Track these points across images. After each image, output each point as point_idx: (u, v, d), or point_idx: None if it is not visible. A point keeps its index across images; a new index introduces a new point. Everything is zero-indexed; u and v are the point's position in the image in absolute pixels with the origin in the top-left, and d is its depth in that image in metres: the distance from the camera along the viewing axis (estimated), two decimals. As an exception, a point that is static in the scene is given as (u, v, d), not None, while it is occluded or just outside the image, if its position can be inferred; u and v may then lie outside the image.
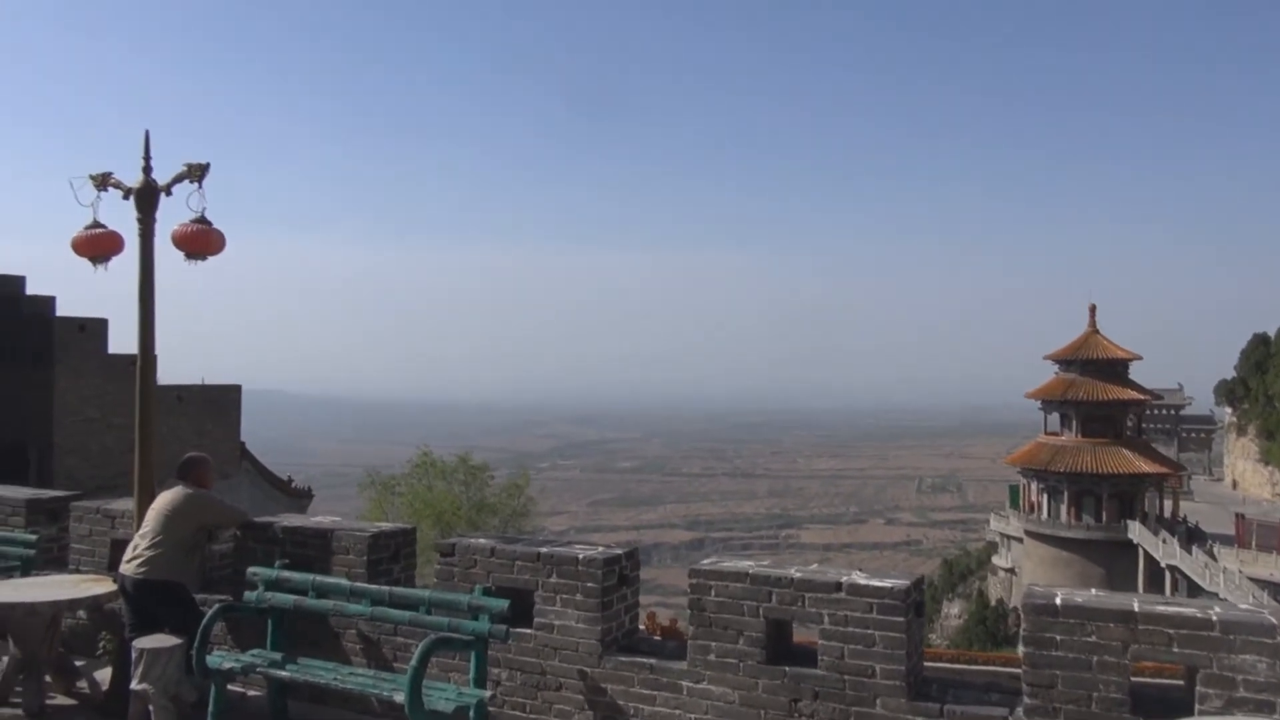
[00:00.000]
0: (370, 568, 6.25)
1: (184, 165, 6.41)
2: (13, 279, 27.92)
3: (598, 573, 5.48)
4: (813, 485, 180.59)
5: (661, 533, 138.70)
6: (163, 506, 6.32)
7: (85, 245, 6.51)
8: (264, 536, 6.67)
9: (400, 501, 32.78)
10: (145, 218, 6.50)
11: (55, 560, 7.59)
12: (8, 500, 7.85)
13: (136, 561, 6.18)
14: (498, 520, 31.78)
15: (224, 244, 6.45)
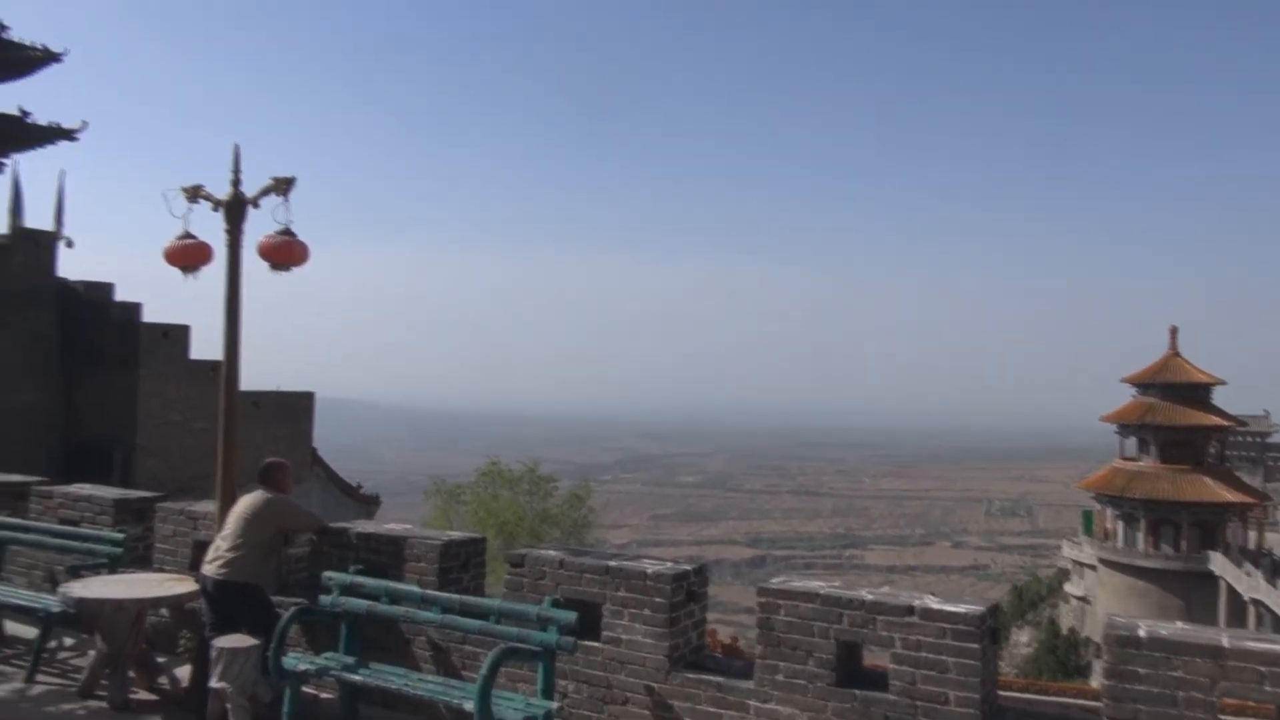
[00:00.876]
0: (441, 576, 6.34)
1: (271, 179, 6.61)
2: (102, 286, 29.06)
3: (666, 588, 5.48)
4: (877, 505, 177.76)
5: (723, 549, 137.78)
6: (243, 510, 6.50)
7: (177, 255, 6.75)
8: (339, 542, 6.81)
9: (465, 510, 33.16)
10: (233, 229, 6.73)
11: (140, 559, 7.86)
12: (97, 500, 8.16)
13: (217, 563, 6.37)
14: (559, 531, 31.93)
15: (307, 256, 6.63)
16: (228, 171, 6.73)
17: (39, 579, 8.34)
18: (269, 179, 6.59)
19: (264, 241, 6.50)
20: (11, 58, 28.33)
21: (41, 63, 28.86)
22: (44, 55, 28.74)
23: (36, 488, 8.79)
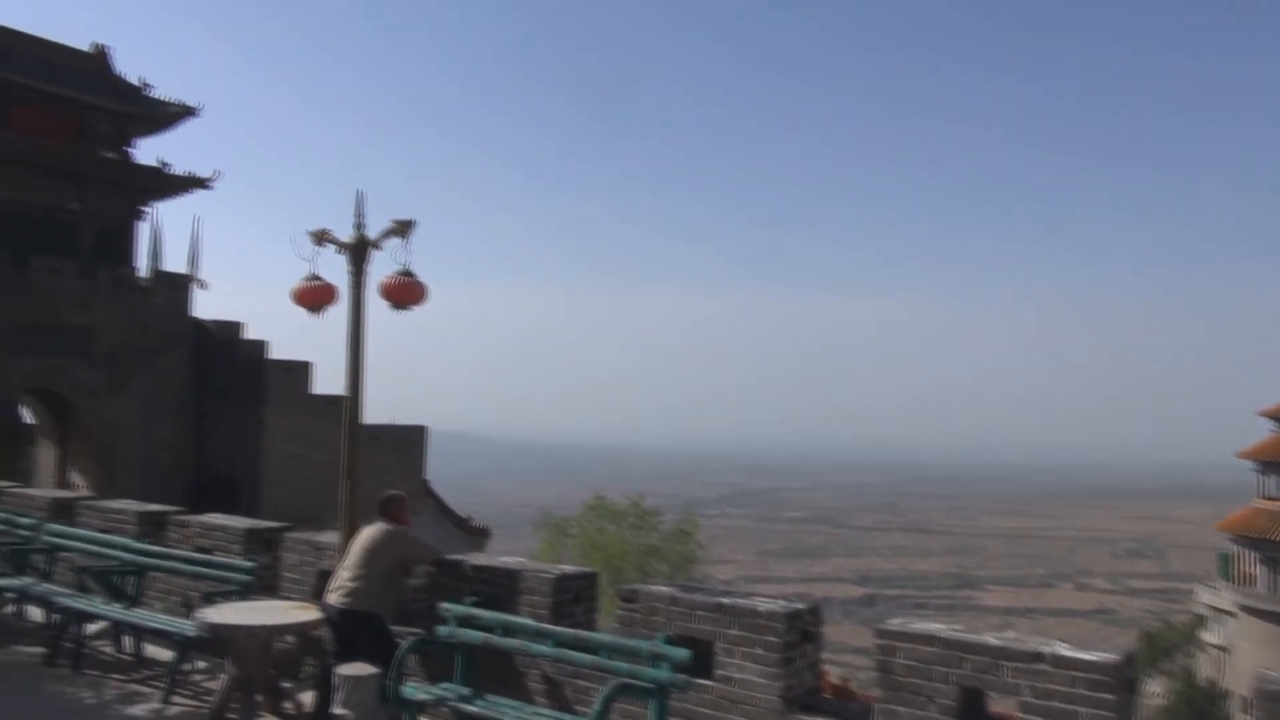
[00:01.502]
0: (554, 609, 6.39)
1: (392, 222, 6.89)
2: (233, 325, 30.67)
3: (780, 627, 5.40)
4: (994, 544, 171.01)
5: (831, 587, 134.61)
6: (364, 541, 6.72)
7: (305, 296, 7.08)
8: (455, 574, 6.95)
9: (572, 543, 33.43)
10: (357, 270, 7.02)
11: (268, 587, 8.18)
12: (229, 529, 8.55)
13: (340, 592, 6.58)
14: (666, 566, 31.85)
15: (426, 295, 6.86)
16: (351, 216, 7.04)
17: (176, 604, 8.76)
18: (390, 222, 6.87)
19: (386, 282, 6.76)
20: (154, 115, 30.41)
21: (180, 118, 30.88)
22: (182, 110, 30.75)
23: (174, 517, 9.28)
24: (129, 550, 8.58)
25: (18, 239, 26.69)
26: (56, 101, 28.20)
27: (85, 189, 28.66)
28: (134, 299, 28.69)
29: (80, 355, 27.48)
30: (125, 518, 9.51)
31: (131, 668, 8.03)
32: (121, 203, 29.58)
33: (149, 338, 28.93)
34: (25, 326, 26.24)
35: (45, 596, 8.62)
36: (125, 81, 30.21)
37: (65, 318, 27.13)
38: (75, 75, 28.90)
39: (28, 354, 26.38)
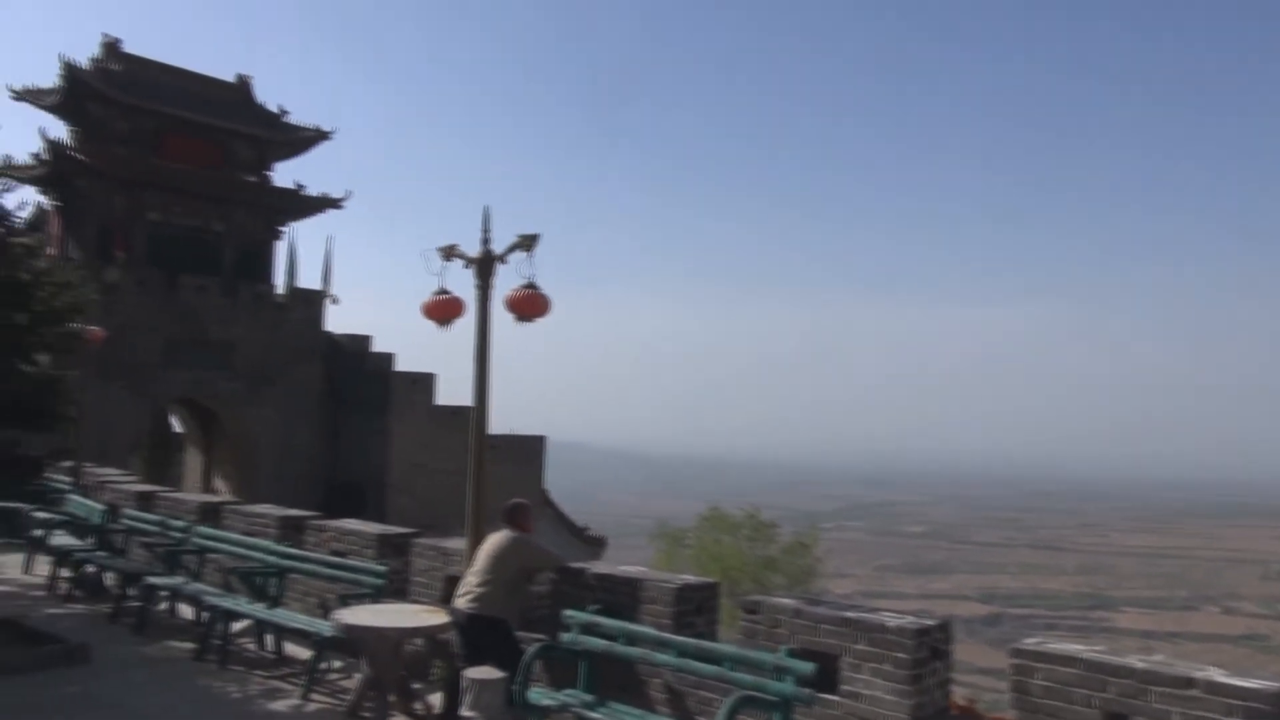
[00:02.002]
0: (676, 619, 6.40)
1: (517, 236, 7.06)
2: (362, 338, 31.98)
3: (909, 643, 5.27)
4: (1127, 563, 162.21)
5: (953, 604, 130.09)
6: (490, 548, 6.88)
7: (434, 309, 7.32)
8: (578, 581, 7.05)
9: (688, 554, 33.44)
10: (483, 284, 7.22)
11: (398, 591, 8.46)
12: (363, 535, 8.90)
13: (468, 597, 6.76)
14: (783, 578, 31.50)
15: (550, 307, 7.00)
16: (469, 231, 7.27)
17: (313, 605, 9.16)
18: (515, 237, 7.04)
19: (511, 295, 6.92)
20: (291, 139, 32.08)
21: (314, 141, 32.48)
22: (316, 135, 32.33)
23: (311, 522, 9.72)
24: (271, 553, 9.03)
25: (168, 259, 28.55)
26: (204, 130, 30.08)
27: (228, 211, 30.44)
28: (271, 314, 30.26)
29: (223, 368, 29.14)
30: (267, 522, 10.02)
31: (273, 665, 8.42)
32: (261, 223, 31.29)
33: (285, 351, 30.45)
34: (175, 342, 27.99)
35: (196, 595, 9.15)
36: (265, 109, 31.97)
37: (210, 333, 28.81)
38: (221, 105, 30.76)
39: (177, 367, 28.13)
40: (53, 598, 10.80)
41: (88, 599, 10.75)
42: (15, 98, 28.65)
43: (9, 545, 13.75)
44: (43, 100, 28.62)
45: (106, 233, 27.67)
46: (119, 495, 12.92)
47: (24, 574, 11.98)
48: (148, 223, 28.89)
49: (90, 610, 10.30)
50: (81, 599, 10.75)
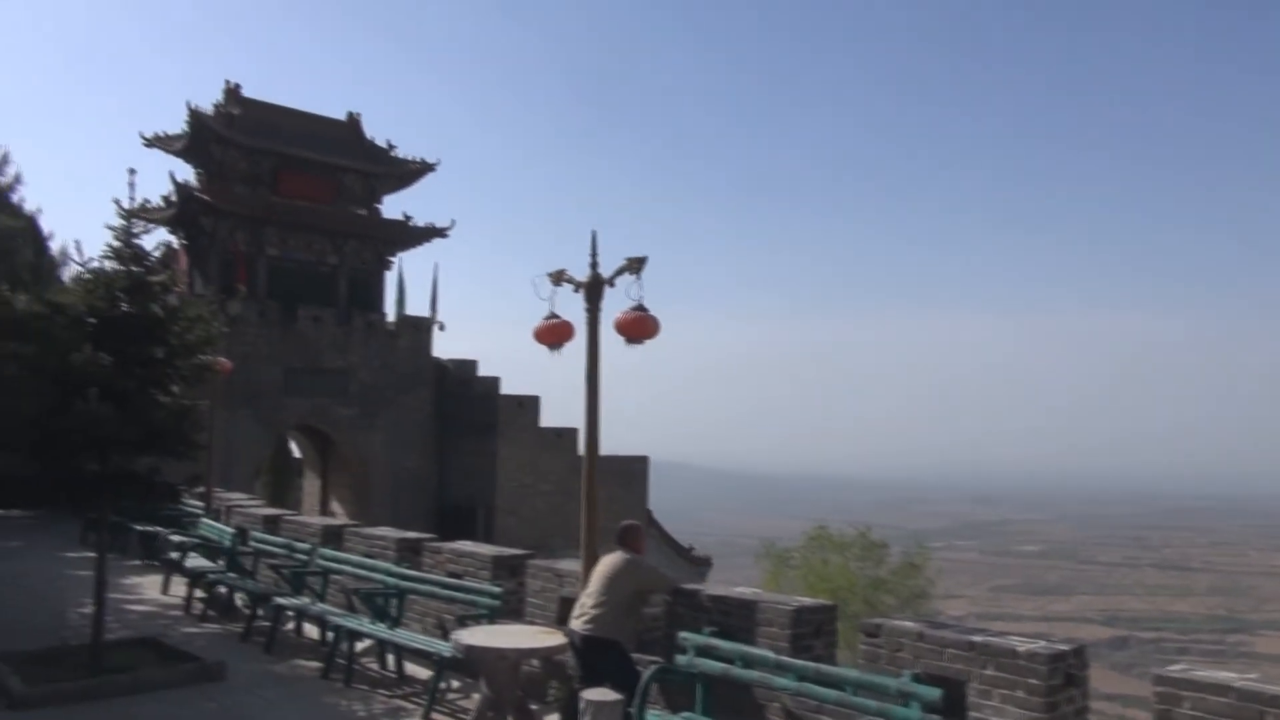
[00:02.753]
0: (793, 642, 6.31)
1: (625, 260, 7.13)
2: (468, 363, 32.74)
3: (1042, 669, 5.06)
4: (1268, 584, 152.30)
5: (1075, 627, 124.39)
6: (604, 569, 6.93)
7: (545, 334, 7.45)
8: (691, 603, 7.02)
9: (794, 574, 32.95)
10: (592, 307, 7.32)
11: (513, 612, 8.59)
12: (478, 556, 9.08)
13: (583, 619, 6.81)
14: (893, 600, 30.73)
15: (659, 329, 7.04)
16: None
17: (431, 625, 9.37)
18: (623, 260, 7.11)
19: (621, 317, 6.99)
20: (399, 172, 33.22)
21: (420, 173, 33.55)
22: (422, 167, 33.40)
23: (428, 543, 9.97)
24: (390, 574, 9.28)
25: (287, 292, 29.87)
26: (317, 167, 31.44)
27: (341, 244, 31.68)
28: (382, 342, 31.29)
29: (338, 394, 30.23)
30: (386, 544, 10.32)
31: (395, 684, 8.64)
32: (371, 254, 32.45)
33: (395, 377, 31.42)
34: (294, 370, 29.20)
35: (320, 615, 9.47)
36: (374, 144, 33.22)
37: (326, 361, 29.96)
38: (332, 142, 32.10)
39: (296, 395, 29.32)
40: (189, 617, 11.33)
41: (220, 618, 11.25)
42: (147, 144, 30.52)
43: (148, 567, 14.53)
44: (171, 146, 30.39)
45: (229, 268, 29.12)
46: (247, 519, 13.51)
47: (162, 594, 12.61)
48: (267, 257, 30.29)
49: (223, 629, 10.76)
50: (215, 618, 11.24)
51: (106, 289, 8.47)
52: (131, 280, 8.56)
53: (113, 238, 8.70)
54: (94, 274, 8.62)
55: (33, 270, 12.22)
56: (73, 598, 11.96)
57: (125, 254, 8.61)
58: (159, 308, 8.70)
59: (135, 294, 8.54)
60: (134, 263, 8.65)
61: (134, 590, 12.95)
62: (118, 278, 8.55)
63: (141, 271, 8.67)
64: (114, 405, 7.86)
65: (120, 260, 8.61)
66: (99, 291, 8.47)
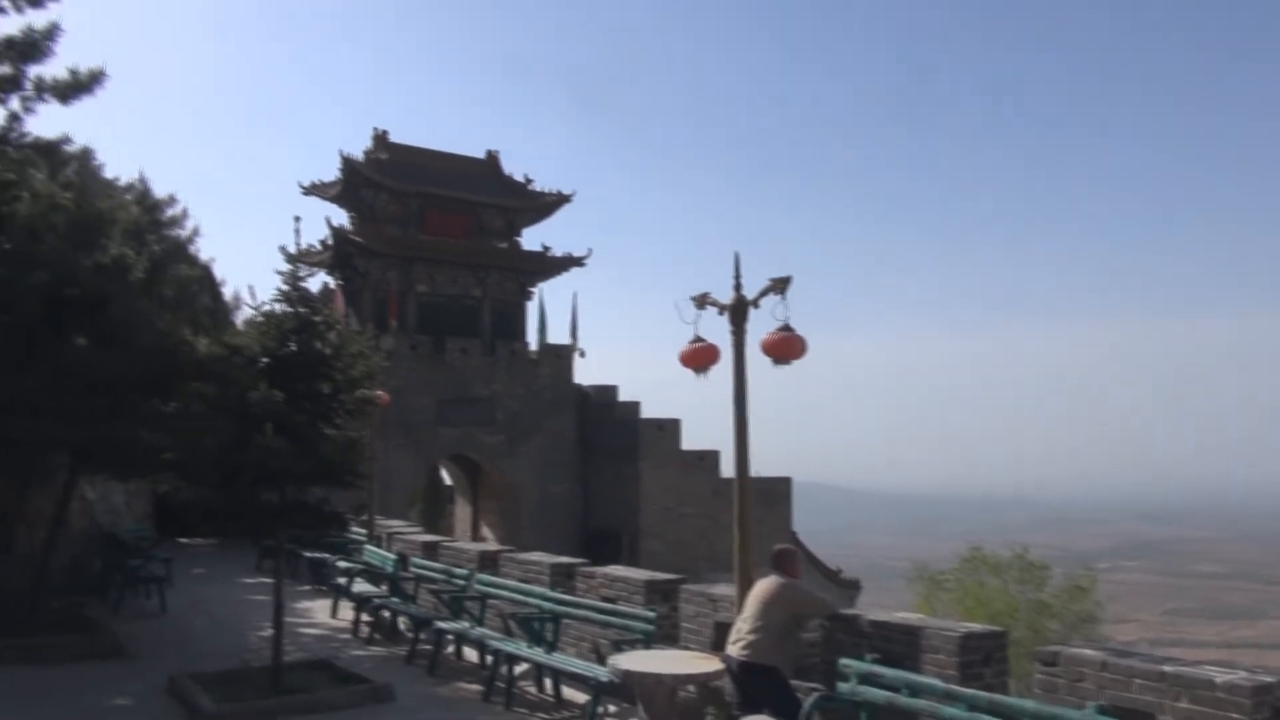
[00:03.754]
0: (962, 670, 6.06)
1: (769, 280, 7.07)
2: (609, 389, 33.19)
3: (1245, 703, 4.66)
4: None
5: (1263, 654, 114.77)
6: (760, 593, 6.83)
7: (691, 358, 7.45)
8: (851, 629, 6.84)
9: (949, 597, 31.75)
10: (737, 330, 7.28)
11: (667, 636, 8.58)
12: (630, 581, 9.13)
13: (740, 644, 6.72)
14: (1058, 625, 29.15)
15: (805, 349, 6.94)
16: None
17: (586, 649, 9.48)
18: (767, 280, 7.06)
19: (767, 338, 6.93)
20: (536, 205, 34.18)
21: (557, 205, 34.43)
22: (559, 199, 34.26)
23: (580, 568, 10.10)
24: (546, 599, 9.45)
25: (435, 325, 31.12)
26: (460, 204, 32.72)
27: (484, 277, 32.80)
28: (526, 370, 32.13)
29: (485, 423, 31.18)
30: (540, 569, 10.52)
31: (553, 708, 8.76)
32: (512, 285, 33.45)
33: (539, 404, 32.17)
34: (444, 401, 30.33)
35: (480, 639, 9.72)
36: (512, 180, 34.34)
37: (473, 391, 30.98)
38: (473, 180, 33.37)
39: (446, 424, 30.42)
40: (356, 640, 11.85)
41: (386, 641, 11.71)
42: (305, 193, 32.55)
43: (317, 591, 15.30)
44: (326, 192, 32.26)
45: (382, 305, 30.56)
46: (407, 545, 14.05)
47: (331, 618, 13.24)
48: (416, 293, 31.67)
49: (388, 652, 11.20)
50: (380, 642, 11.72)
51: (277, 330, 9.02)
52: (299, 320, 9.08)
53: (281, 281, 9.28)
54: (265, 316, 9.20)
55: (211, 315, 13.11)
56: (252, 621, 12.70)
57: (293, 296, 9.16)
58: (324, 345, 9.19)
59: (302, 333, 9.06)
60: (300, 304, 9.19)
61: (306, 614, 13.64)
62: (286, 319, 9.09)
63: (307, 312, 9.19)
64: (287, 439, 8.34)
65: (288, 302, 9.15)
66: (270, 332, 9.03)
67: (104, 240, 10.89)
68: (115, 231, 11.10)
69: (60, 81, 13.51)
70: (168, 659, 10.22)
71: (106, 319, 10.71)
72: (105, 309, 10.73)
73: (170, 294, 11.94)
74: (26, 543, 12.39)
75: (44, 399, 9.86)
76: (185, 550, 20.09)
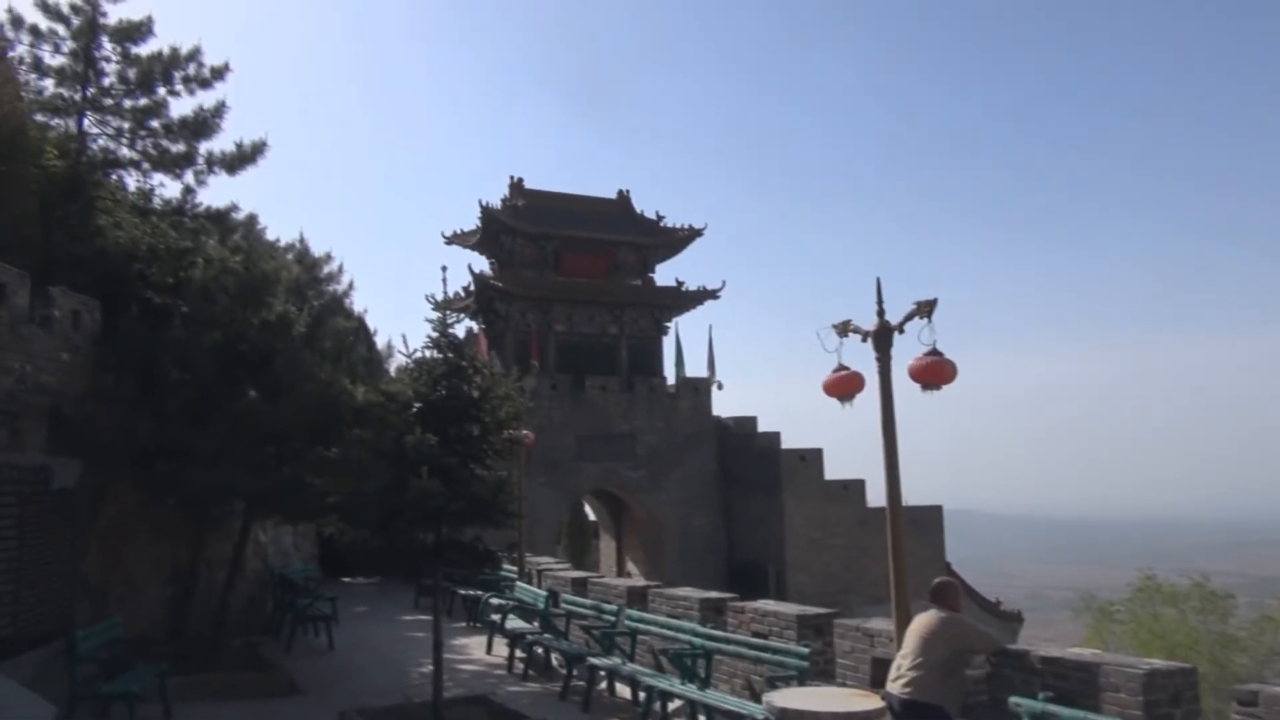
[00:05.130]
0: (1147, 710, 5.65)
1: (914, 304, 6.89)
2: (748, 420, 32.96)
3: None
4: None
5: None
6: (920, 628, 6.57)
7: (835, 386, 7.32)
8: (1020, 665, 6.51)
9: (1122, 630, 29.80)
10: (882, 356, 7.11)
11: (822, 673, 8.37)
12: (781, 615, 8.97)
13: (901, 681, 6.47)
14: (1248, 659, 26.86)
15: (956, 373, 6.70)
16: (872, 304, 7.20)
17: (738, 686, 9.35)
18: (911, 304, 6.88)
19: (915, 363, 6.74)
20: (669, 241, 34.53)
21: (689, 240, 34.69)
22: (690, 234, 34.52)
23: (730, 603, 10.00)
24: (697, 634, 9.39)
25: (574, 364, 31.74)
26: (594, 245, 33.41)
27: (620, 314, 33.29)
28: (664, 405, 32.30)
29: (626, 458, 31.46)
30: (689, 604, 10.47)
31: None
32: (648, 321, 33.80)
33: (678, 438, 32.24)
34: (585, 438, 30.81)
35: (632, 676, 9.73)
36: (644, 217, 34.84)
37: (613, 427, 31.35)
38: (606, 219, 34.04)
39: (588, 460, 30.86)
40: (511, 676, 12.06)
41: (539, 677, 11.87)
42: (447, 242, 33.95)
43: (471, 628, 15.69)
44: (467, 241, 33.55)
45: (523, 346, 31.41)
46: (556, 582, 14.26)
47: (486, 654, 13.53)
48: (555, 333, 32.42)
49: (543, 688, 11.34)
50: (534, 677, 11.89)
51: (428, 375, 9.39)
52: (448, 366, 9.42)
53: (431, 329, 9.67)
54: (417, 363, 9.59)
55: (366, 364, 13.80)
56: (412, 657, 13.13)
57: (442, 342, 9.52)
58: (472, 389, 9.50)
59: (452, 378, 9.38)
60: (449, 350, 9.54)
61: (462, 650, 13.99)
62: (436, 364, 9.45)
63: (456, 357, 9.53)
64: (441, 481, 8.63)
65: (438, 348, 9.52)
66: (422, 378, 9.40)
67: (270, 299, 11.65)
68: (279, 290, 11.86)
69: (228, 154, 14.64)
70: (336, 695, 10.66)
71: (273, 372, 11.42)
72: (272, 363, 11.45)
73: (329, 345, 12.65)
74: (206, 585, 13.25)
75: (221, 450, 10.56)
76: (348, 589, 20.99)
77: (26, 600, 9.06)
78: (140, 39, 14.56)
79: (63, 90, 14.39)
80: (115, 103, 14.56)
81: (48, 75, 14.30)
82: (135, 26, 14.53)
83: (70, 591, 10.13)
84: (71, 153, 13.70)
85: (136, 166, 14.83)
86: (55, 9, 14.23)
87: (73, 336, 10.94)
